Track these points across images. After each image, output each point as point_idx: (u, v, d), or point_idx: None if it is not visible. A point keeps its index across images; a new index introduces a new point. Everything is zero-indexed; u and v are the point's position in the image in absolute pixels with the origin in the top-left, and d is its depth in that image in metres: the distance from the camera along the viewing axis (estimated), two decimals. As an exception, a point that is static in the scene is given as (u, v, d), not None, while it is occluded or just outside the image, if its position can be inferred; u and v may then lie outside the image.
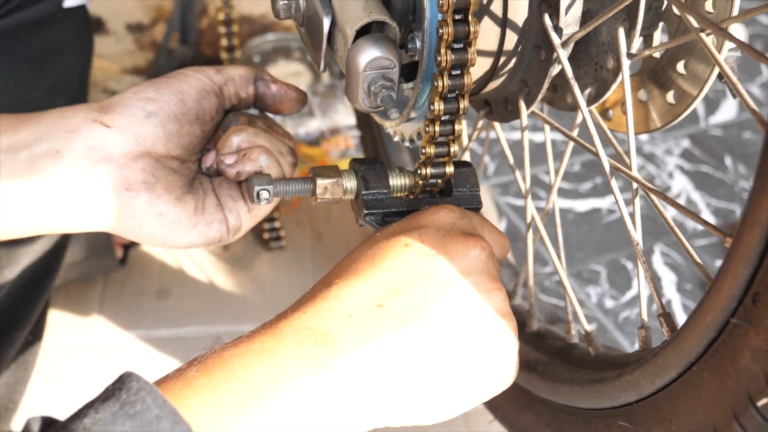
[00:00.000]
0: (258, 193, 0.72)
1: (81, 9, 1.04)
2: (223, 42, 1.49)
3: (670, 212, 1.55)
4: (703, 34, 0.62)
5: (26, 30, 0.98)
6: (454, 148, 0.71)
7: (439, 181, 0.74)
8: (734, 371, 0.51)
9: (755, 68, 1.81)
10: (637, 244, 0.64)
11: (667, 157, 1.66)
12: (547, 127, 0.83)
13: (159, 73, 1.66)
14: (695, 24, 0.62)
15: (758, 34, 1.91)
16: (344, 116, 1.63)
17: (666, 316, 0.62)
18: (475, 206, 0.75)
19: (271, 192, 0.72)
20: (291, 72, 1.73)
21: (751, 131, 1.69)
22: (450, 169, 0.72)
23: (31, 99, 0.98)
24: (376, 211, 0.73)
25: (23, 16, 0.97)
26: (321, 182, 0.73)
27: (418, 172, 0.72)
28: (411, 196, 0.74)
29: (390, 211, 0.73)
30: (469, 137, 0.91)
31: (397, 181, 0.74)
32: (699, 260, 0.58)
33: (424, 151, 0.71)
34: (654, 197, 0.65)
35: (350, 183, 0.74)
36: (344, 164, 0.77)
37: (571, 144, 0.77)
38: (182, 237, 0.74)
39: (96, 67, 1.15)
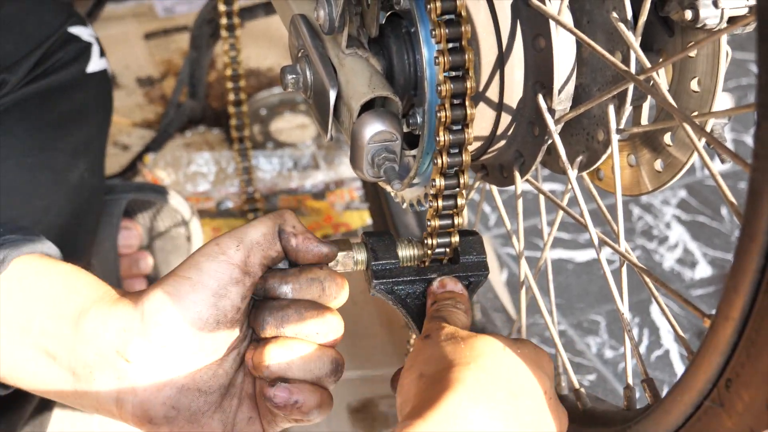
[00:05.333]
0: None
1: (103, 73, 1.09)
2: (231, 96, 1.54)
3: (667, 263, 1.58)
4: (686, 126, 0.65)
5: (51, 95, 1.03)
6: (458, 219, 0.74)
7: (448, 250, 0.77)
8: None
9: (749, 120, 1.85)
10: (623, 314, 0.67)
11: (664, 207, 1.70)
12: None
13: (168, 126, 1.70)
14: (679, 110, 0.66)
15: (751, 85, 1.95)
16: (349, 168, 1.67)
17: (649, 381, 0.65)
18: (482, 272, 0.78)
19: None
20: (297, 124, 1.78)
21: (747, 181, 1.73)
22: (455, 239, 0.76)
23: (55, 161, 1.02)
24: (385, 280, 0.76)
25: (49, 81, 1.02)
26: None
27: (426, 242, 0.76)
28: (421, 265, 0.77)
29: (399, 280, 0.76)
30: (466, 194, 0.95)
31: (405, 251, 0.77)
32: (682, 333, 0.61)
33: (429, 223, 0.74)
34: (641, 273, 0.68)
35: (361, 255, 0.77)
36: (348, 216, 0.80)
37: (561, 212, 0.80)
38: None
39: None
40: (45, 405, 1.08)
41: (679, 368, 1.41)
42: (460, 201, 0.72)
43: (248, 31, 1.84)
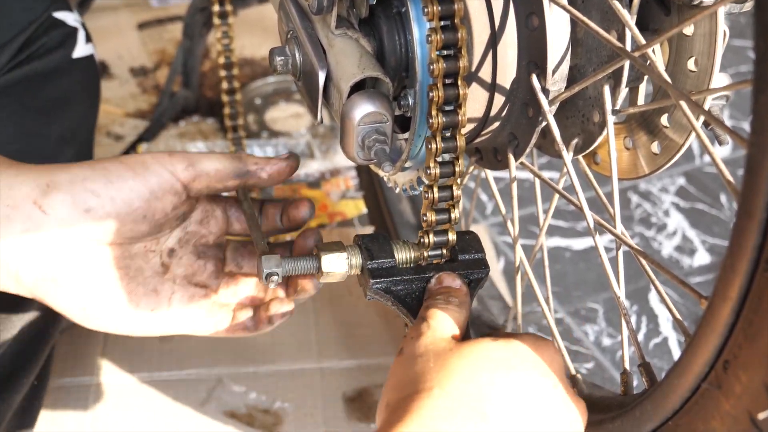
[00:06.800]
0: (268, 276, 0.72)
1: (89, 59, 1.07)
2: (224, 85, 1.52)
3: (666, 251, 1.57)
4: (683, 104, 0.64)
5: (36, 81, 1.01)
6: (454, 213, 0.72)
7: (444, 251, 0.74)
8: (706, 431, 0.52)
9: (747, 106, 1.84)
10: (620, 298, 0.66)
11: (663, 194, 1.68)
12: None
13: (162, 116, 1.69)
14: (675, 92, 0.64)
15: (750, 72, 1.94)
16: (344, 157, 1.65)
17: (646, 365, 0.64)
18: (482, 269, 0.75)
19: (280, 273, 0.73)
20: (291, 113, 1.76)
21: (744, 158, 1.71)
22: (452, 236, 0.73)
23: (40, 149, 1.00)
24: (382, 279, 0.72)
25: (33, 67, 1.00)
26: (326, 257, 0.73)
27: (422, 240, 0.73)
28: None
29: (397, 279, 0.72)
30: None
31: (401, 254, 0.74)
32: (678, 316, 0.59)
33: (425, 218, 0.72)
34: (637, 254, 0.67)
35: (355, 258, 0.73)
36: (344, 205, 0.79)
37: (557, 197, 0.79)
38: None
39: (100, 110, 1.18)
40: (32, 401, 1.07)
41: (678, 355, 1.39)
42: (456, 192, 0.70)
43: (242, 20, 1.82)
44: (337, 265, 0.73)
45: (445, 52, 0.65)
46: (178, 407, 1.20)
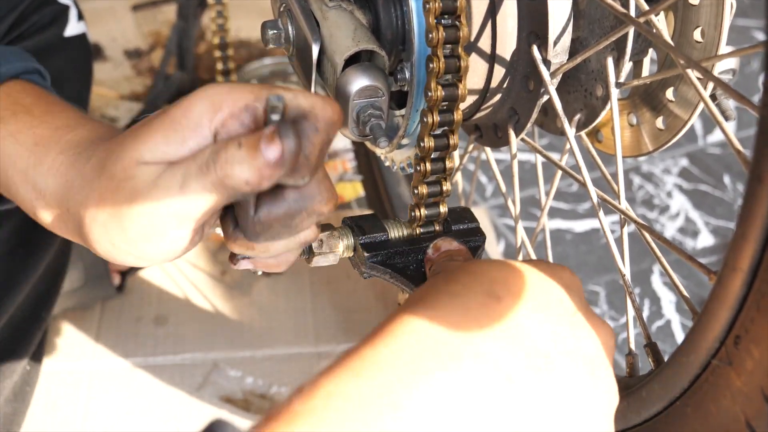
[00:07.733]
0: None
1: (81, 38, 1.04)
2: (219, 66, 1.50)
3: (669, 233, 1.55)
4: (690, 72, 0.62)
5: None
6: (446, 186, 0.70)
7: (437, 227, 0.72)
8: (716, 410, 0.50)
9: (752, 86, 1.82)
10: (625, 276, 0.64)
11: (666, 176, 1.66)
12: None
13: (156, 98, 1.66)
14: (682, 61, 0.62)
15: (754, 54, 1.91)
16: (342, 139, 1.63)
17: (652, 345, 0.61)
18: (478, 237, 0.72)
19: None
20: (288, 96, 1.74)
21: (750, 149, 1.69)
22: (444, 209, 0.71)
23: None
24: (377, 252, 0.70)
25: (24, 46, 0.97)
26: (318, 240, 0.70)
27: (412, 214, 0.71)
28: None
29: (392, 252, 0.70)
30: (461, 157, 0.91)
31: (394, 232, 0.71)
32: (685, 293, 0.57)
33: (416, 191, 0.70)
34: (643, 229, 0.65)
35: (347, 239, 0.71)
36: (341, 188, 0.75)
37: (560, 172, 0.77)
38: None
39: (94, 93, 1.16)
40: (24, 387, 1.05)
41: (681, 338, 1.38)
42: (449, 164, 0.68)
43: (239, 2, 1.80)
44: (329, 243, 0.70)
45: (443, 22, 0.63)
46: (174, 392, 1.19)
